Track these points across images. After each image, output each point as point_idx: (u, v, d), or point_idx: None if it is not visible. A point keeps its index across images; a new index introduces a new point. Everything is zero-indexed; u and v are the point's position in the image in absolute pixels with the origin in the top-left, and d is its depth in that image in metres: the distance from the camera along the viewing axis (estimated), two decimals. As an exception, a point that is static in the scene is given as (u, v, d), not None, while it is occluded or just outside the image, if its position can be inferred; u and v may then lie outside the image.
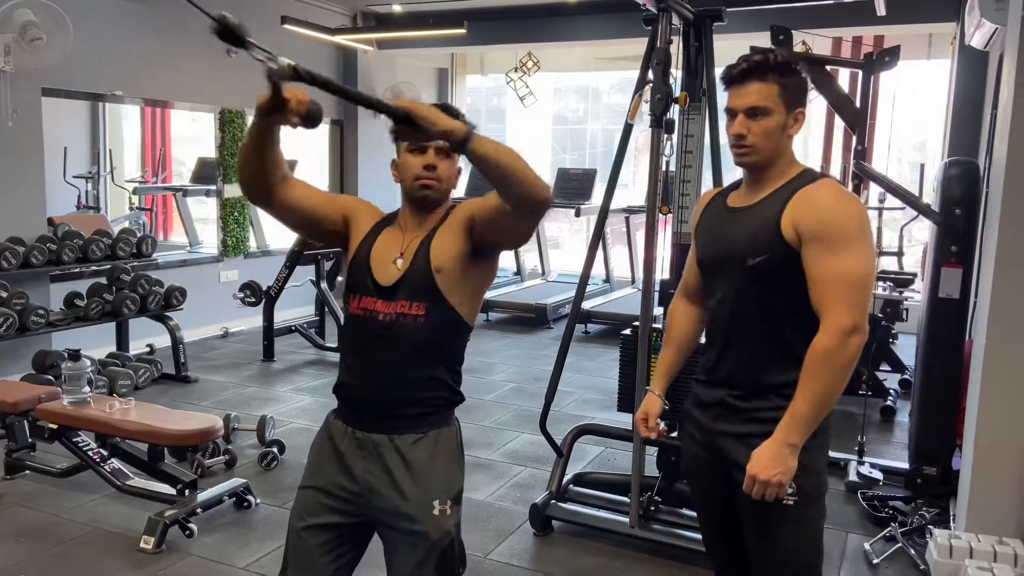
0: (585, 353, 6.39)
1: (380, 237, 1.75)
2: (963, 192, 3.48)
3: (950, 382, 3.54)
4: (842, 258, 1.63)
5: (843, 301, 1.62)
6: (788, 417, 1.66)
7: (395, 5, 7.45)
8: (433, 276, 1.66)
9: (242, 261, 6.98)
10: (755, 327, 1.76)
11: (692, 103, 3.17)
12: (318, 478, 1.75)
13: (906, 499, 3.54)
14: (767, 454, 1.66)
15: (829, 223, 1.65)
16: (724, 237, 1.82)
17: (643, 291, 3.06)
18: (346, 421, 1.74)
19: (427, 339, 1.67)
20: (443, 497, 1.69)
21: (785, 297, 1.71)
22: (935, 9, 6.19)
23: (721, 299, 1.82)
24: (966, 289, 3.48)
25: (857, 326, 1.62)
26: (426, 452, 1.69)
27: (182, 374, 5.29)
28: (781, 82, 1.73)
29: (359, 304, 1.71)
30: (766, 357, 1.75)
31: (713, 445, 1.83)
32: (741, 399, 1.78)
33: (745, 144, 1.75)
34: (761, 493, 1.66)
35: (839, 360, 1.62)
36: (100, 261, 5.16)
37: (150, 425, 3.17)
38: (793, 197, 1.71)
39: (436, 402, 1.72)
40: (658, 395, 2.01)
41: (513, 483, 3.80)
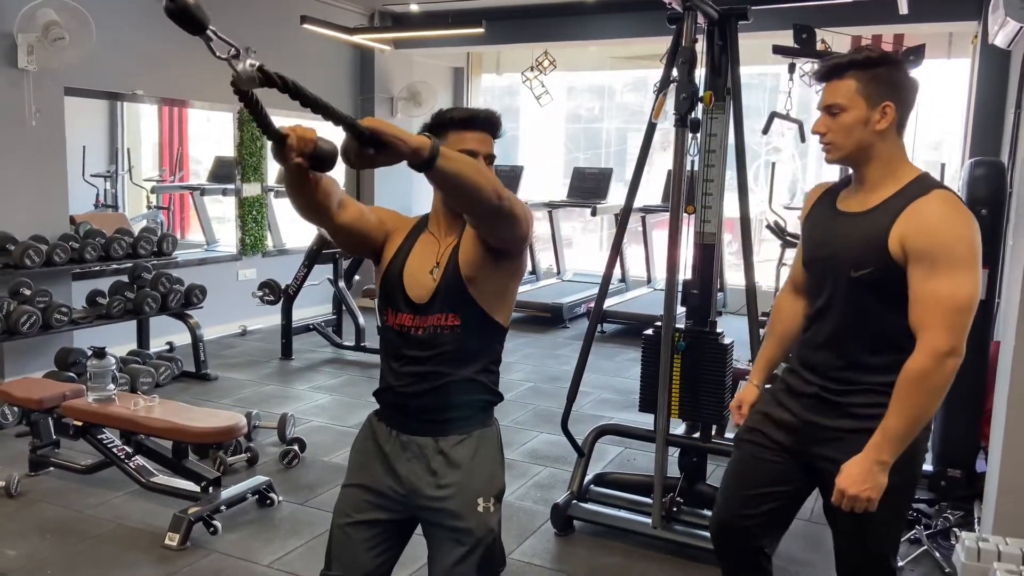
0: (602, 353, 6.38)
1: (414, 249, 1.75)
2: (989, 192, 3.45)
3: (975, 384, 3.51)
4: (947, 281, 1.62)
5: (942, 323, 1.62)
6: (879, 434, 1.68)
7: (412, 4, 7.46)
8: (466, 285, 1.67)
9: (260, 260, 7.00)
10: (853, 332, 1.80)
11: (716, 102, 3.16)
12: (363, 476, 1.77)
13: (930, 502, 3.51)
14: (857, 470, 1.69)
15: (937, 244, 1.64)
16: (830, 241, 1.83)
17: (666, 291, 3.05)
18: (389, 424, 1.76)
19: (464, 346, 1.69)
20: (487, 494, 1.71)
21: (886, 308, 1.73)
22: (957, 8, 6.14)
23: (824, 301, 1.85)
24: (992, 290, 3.45)
25: (955, 349, 1.63)
26: (470, 451, 1.71)
27: (202, 372, 5.32)
28: (860, 76, 1.73)
29: (395, 319, 1.72)
30: (863, 358, 1.78)
31: (798, 431, 1.88)
32: (835, 394, 1.81)
33: (825, 141, 1.79)
34: (850, 507, 1.70)
35: (934, 382, 1.63)
36: (121, 259, 5.19)
37: (175, 422, 3.19)
38: (904, 211, 1.69)
39: (477, 403, 1.74)
40: (756, 385, 2.07)
41: (534, 483, 3.80)
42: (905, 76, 1.78)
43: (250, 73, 1.14)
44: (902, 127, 1.79)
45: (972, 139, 6.19)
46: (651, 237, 8.27)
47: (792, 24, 3.94)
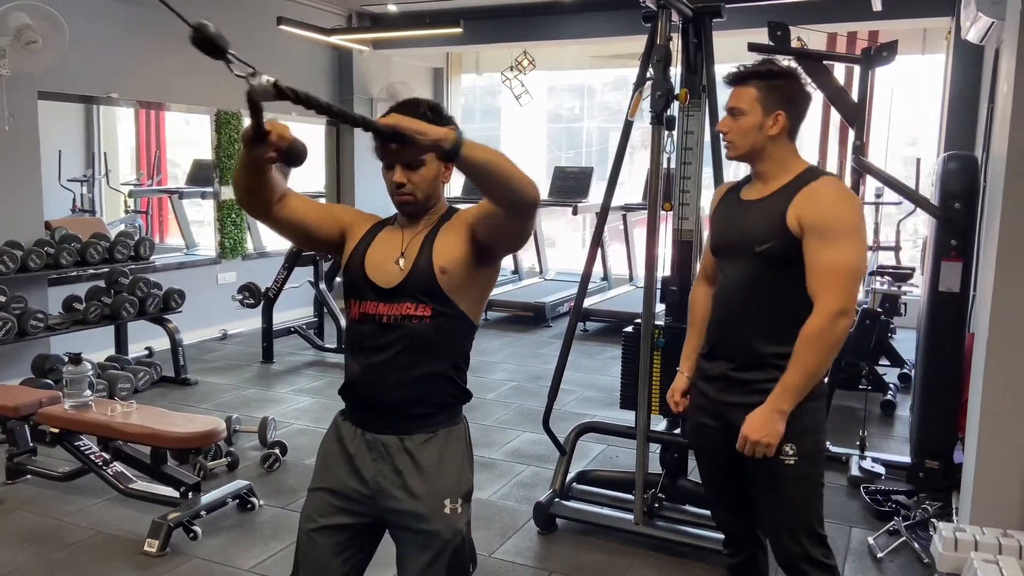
0: (584, 351, 6.40)
1: (377, 238, 1.74)
2: (962, 186, 3.49)
3: (951, 376, 3.55)
4: (837, 251, 1.84)
5: (835, 287, 1.84)
6: (780, 387, 1.88)
7: (390, 5, 7.45)
8: (436, 276, 1.65)
9: (240, 263, 6.96)
10: (755, 306, 1.98)
11: (692, 100, 3.17)
12: (328, 479, 1.74)
13: (908, 493, 3.54)
14: (759, 418, 1.89)
15: (829, 219, 1.86)
16: (737, 226, 2.03)
17: (645, 288, 3.06)
18: (355, 423, 1.74)
19: (433, 340, 1.67)
20: (454, 495, 1.69)
21: (786, 280, 1.92)
22: (930, 4, 6.21)
23: (729, 281, 2.04)
24: (966, 283, 3.49)
25: (846, 310, 1.84)
26: (436, 451, 1.69)
27: (182, 376, 5.28)
28: (760, 85, 1.95)
29: (360, 309, 1.70)
30: (762, 333, 1.97)
31: (719, 414, 2.05)
32: (740, 370, 2.00)
33: (727, 140, 2.02)
34: (752, 452, 1.90)
35: (829, 339, 1.85)
36: (98, 264, 5.14)
37: (153, 428, 3.17)
38: (799, 193, 1.92)
39: (444, 401, 1.72)
40: (685, 375, 2.23)
41: (516, 482, 3.80)
42: (799, 90, 2.00)
43: (266, 87, 1.25)
44: (793, 133, 2.01)
45: (947, 134, 6.27)
46: (632, 235, 8.30)
47: (767, 22, 3.95)
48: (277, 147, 1.41)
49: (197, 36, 1.20)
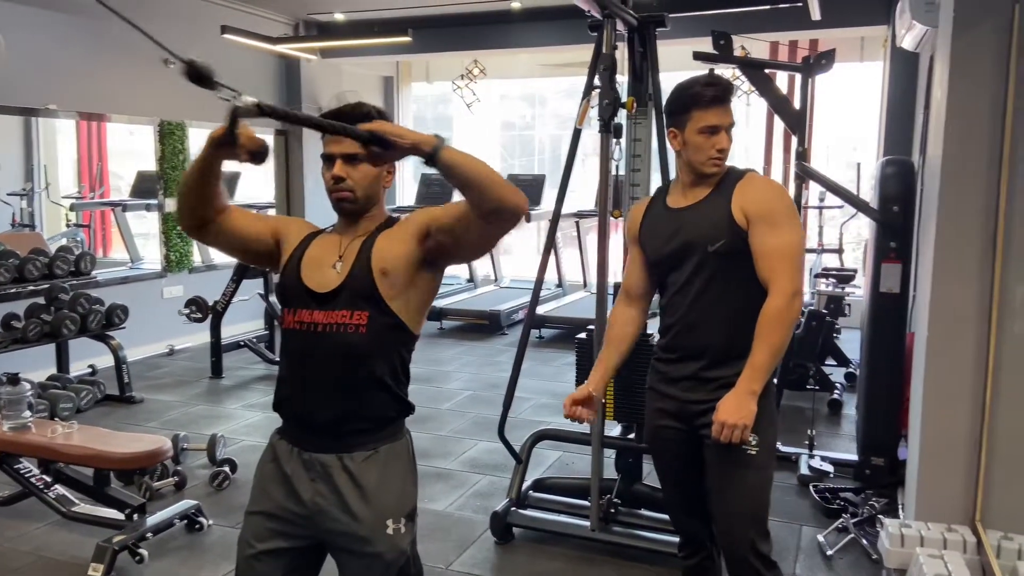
0: (540, 358, 6.41)
1: (314, 243, 1.71)
2: (900, 190, 3.60)
3: (894, 374, 3.65)
4: (783, 234, 1.96)
5: (788, 270, 1.95)
6: (748, 369, 1.94)
7: (337, 14, 7.40)
8: (375, 281, 1.60)
9: (186, 276, 6.81)
10: (718, 304, 2.03)
11: (639, 107, 3.21)
12: (265, 502, 1.68)
13: (856, 490, 3.62)
14: (732, 401, 1.93)
15: (771, 207, 1.98)
16: (680, 232, 2.06)
17: (597, 294, 3.08)
18: (291, 441, 1.68)
19: (371, 349, 1.61)
20: (396, 515, 1.64)
21: (740, 272, 1.99)
22: (867, 13, 6.39)
23: (684, 284, 2.06)
24: (906, 284, 3.59)
25: (798, 289, 1.96)
26: (377, 470, 1.63)
27: (126, 395, 5.14)
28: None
29: (295, 317, 1.64)
30: (728, 328, 2.02)
31: (684, 414, 2.08)
32: (710, 368, 2.04)
33: (723, 156, 2.04)
34: (729, 436, 1.91)
35: (788, 317, 1.94)
36: (37, 281, 4.97)
37: (95, 449, 3.07)
38: (735, 188, 2.02)
39: (384, 416, 1.66)
40: (591, 390, 2.17)
41: (473, 492, 3.78)
42: None
43: (249, 107, 1.37)
44: None
45: (886, 139, 6.45)
46: (585, 241, 8.36)
47: (711, 31, 4.02)
48: (248, 147, 1.49)
49: (190, 71, 1.33)
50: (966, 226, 2.66)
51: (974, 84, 2.62)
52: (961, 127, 2.66)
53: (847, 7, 6.26)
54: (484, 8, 7.14)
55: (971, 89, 2.63)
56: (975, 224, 2.64)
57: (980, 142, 2.62)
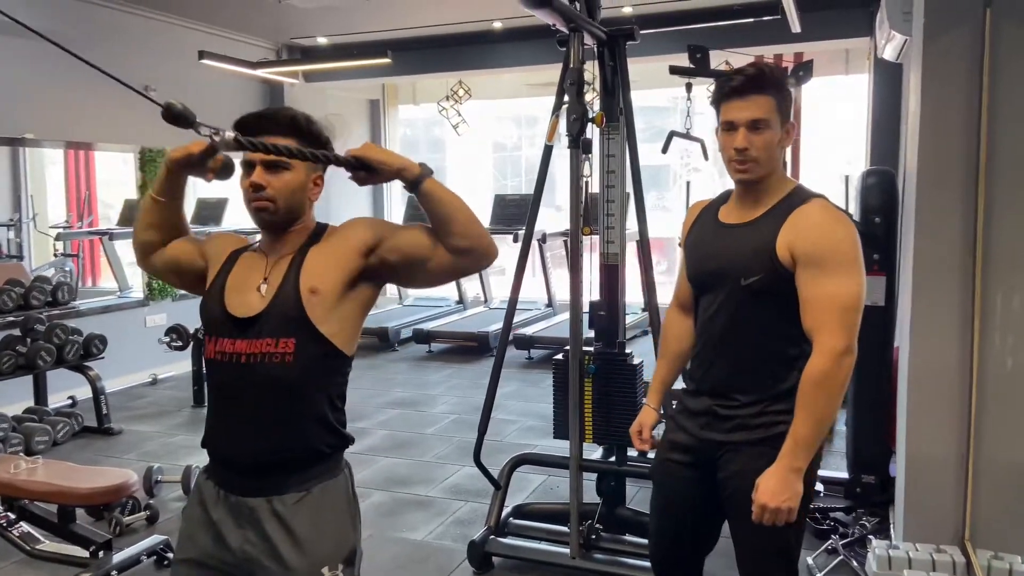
0: (528, 379, 6.32)
1: (238, 264, 1.60)
2: (881, 201, 3.53)
3: (881, 388, 3.56)
4: (835, 281, 1.66)
5: (836, 323, 1.65)
6: (790, 442, 1.68)
7: (320, 38, 7.39)
8: (302, 303, 1.49)
9: (170, 304, 6.73)
10: (741, 342, 1.80)
11: (611, 123, 3.15)
12: (192, 550, 1.56)
13: (847, 509, 3.53)
14: (774, 481, 1.67)
15: (823, 248, 1.68)
16: (718, 254, 1.83)
17: (571, 314, 3.00)
18: (217, 483, 1.56)
19: (300, 380, 1.50)
20: (333, 562, 1.52)
21: (774, 315, 1.75)
22: (849, 25, 6.37)
23: (712, 313, 1.85)
24: (891, 296, 3.52)
25: (849, 347, 1.66)
26: (310, 513, 1.51)
27: (105, 426, 5.03)
28: (777, 96, 1.74)
29: (216, 347, 1.52)
30: (749, 370, 1.80)
31: (698, 451, 1.88)
32: (727, 408, 1.82)
33: (749, 159, 1.73)
34: (772, 520, 1.68)
35: (835, 382, 1.66)
36: (12, 312, 4.89)
37: (57, 484, 2.97)
38: (788, 218, 1.72)
39: (317, 451, 1.54)
40: (653, 408, 2.06)
41: (453, 520, 3.68)
42: (793, 99, 1.83)
43: (228, 142, 1.43)
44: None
45: (871, 151, 6.40)
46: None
47: (687, 45, 3.98)
48: (214, 166, 1.58)
49: (168, 114, 1.39)
50: (944, 236, 2.60)
51: (947, 90, 2.57)
52: (935, 134, 2.61)
53: (830, 20, 6.25)
54: (466, 29, 7.13)
55: (944, 95, 2.58)
56: (954, 234, 2.58)
57: (955, 149, 2.57)
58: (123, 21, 6.14)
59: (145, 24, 6.29)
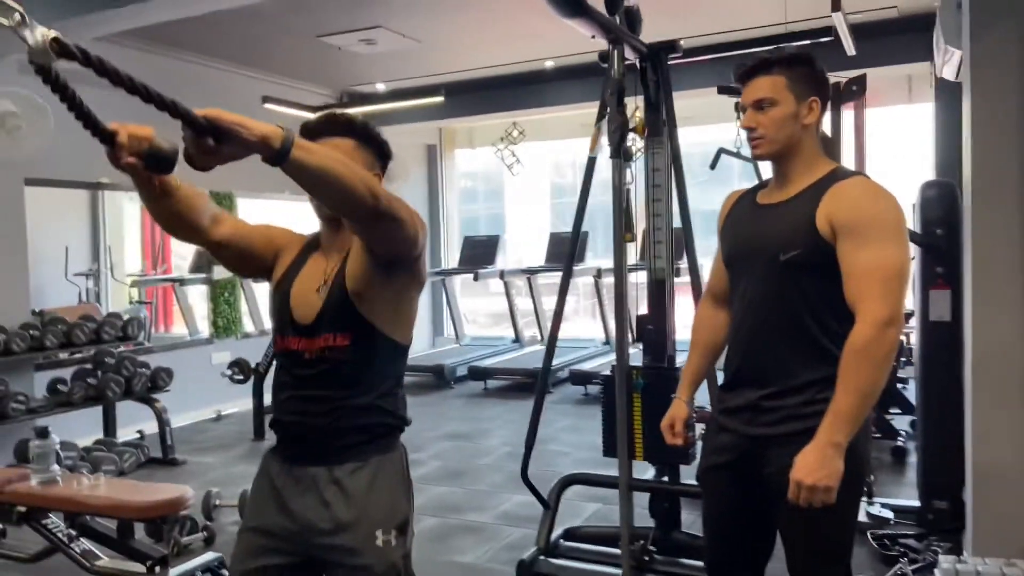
0: (584, 414, 6.23)
1: (304, 268, 1.67)
2: (943, 212, 3.42)
3: (952, 409, 3.38)
4: (877, 250, 1.63)
5: (879, 293, 1.61)
6: (830, 416, 1.61)
7: (379, 84, 7.64)
8: (353, 302, 1.57)
9: (235, 343, 6.92)
10: (784, 323, 1.75)
11: (655, 137, 3.16)
12: (256, 519, 1.66)
13: (919, 536, 3.34)
14: (812, 457, 1.60)
15: (865, 216, 1.65)
16: (755, 233, 1.82)
17: (617, 326, 2.96)
18: (283, 458, 1.65)
19: (358, 369, 1.59)
20: (387, 526, 1.58)
21: (815, 292, 1.71)
22: (909, 49, 6.25)
23: (751, 294, 1.80)
24: (957, 311, 3.37)
25: (893, 318, 1.60)
26: (366, 480, 1.58)
27: (169, 457, 5.17)
28: (787, 73, 1.76)
29: (284, 344, 1.63)
30: (795, 353, 1.74)
31: (743, 450, 1.80)
32: (773, 398, 1.75)
33: (756, 136, 1.78)
34: (808, 499, 1.60)
35: (878, 352, 1.60)
36: (85, 346, 5.10)
37: (116, 499, 3.04)
38: (827, 192, 1.71)
39: (376, 429, 1.63)
40: (684, 401, 2.02)
41: (504, 545, 3.62)
42: (824, 75, 1.81)
43: (41, 45, 1.02)
44: (820, 124, 1.83)
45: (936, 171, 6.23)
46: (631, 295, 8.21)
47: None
48: (131, 151, 1.26)
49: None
50: (1001, 247, 2.50)
51: (995, 91, 2.51)
52: (986, 139, 2.54)
53: (888, 44, 6.16)
54: (518, 69, 7.28)
55: (993, 94, 2.51)
56: (1012, 244, 2.48)
57: (1008, 156, 2.48)
58: (190, 71, 6.45)
59: (212, 74, 6.60)
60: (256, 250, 1.71)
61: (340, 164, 1.32)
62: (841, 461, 1.60)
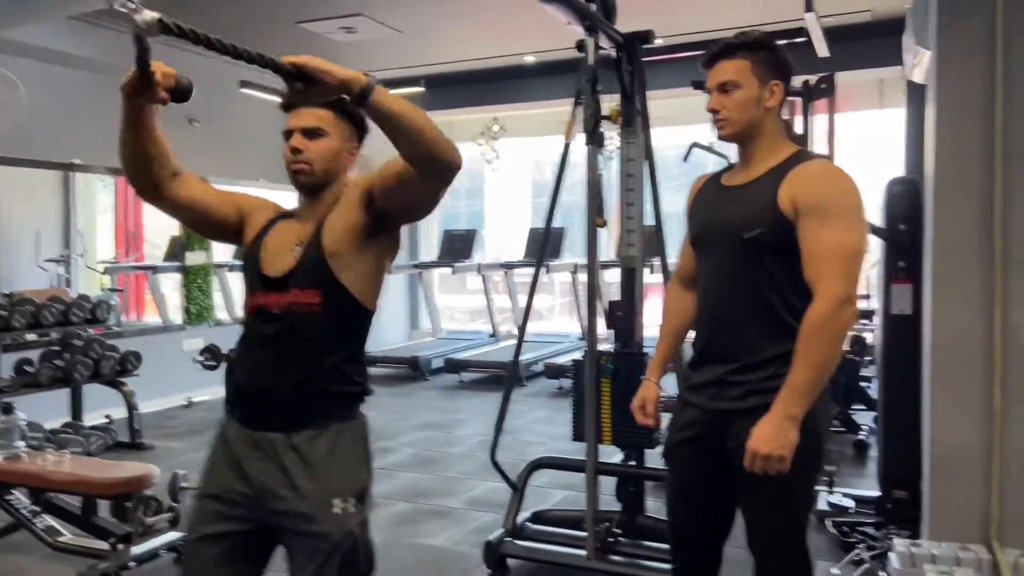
0: (557, 407, 6.27)
1: (276, 228, 1.69)
2: (907, 208, 3.49)
3: (911, 400, 3.45)
4: (837, 231, 1.68)
5: (837, 272, 1.67)
6: (787, 389, 1.67)
7: (360, 75, 7.62)
8: (327, 260, 1.59)
9: (208, 330, 6.87)
10: (748, 300, 1.80)
11: (629, 127, 3.20)
12: (212, 485, 1.64)
13: (877, 525, 3.41)
14: (768, 428, 1.66)
15: (826, 197, 1.71)
16: (721, 212, 1.87)
17: (588, 310, 3.00)
18: (242, 423, 1.64)
19: (324, 328, 1.60)
20: (345, 494, 1.57)
21: (778, 270, 1.76)
22: (881, 54, 6.35)
23: (715, 274, 1.86)
24: (918, 304, 3.44)
25: (850, 296, 1.67)
26: (326, 447, 1.58)
27: (137, 441, 5.12)
28: (751, 57, 1.81)
29: (252, 301, 1.64)
30: (760, 329, 1.79)
31: (708, 425, 1.84)
32: (738, 372, 1.79)
33: (720, 118, 1.83)
34: (763, 468, 1.66)
35: (834, 328, 1.66)
36: (53, 327, 5.05)
37: (80, 475, 3.04)
38: (790, 173, 1.77)
39: (337, 396, 1.63)
40: (654, 382, 2.05)
41: (473, 528, 3.65)
42: (786, 59, 1.86)
43: (151, 23, 1.25)
44: (782, 107, 1.89)
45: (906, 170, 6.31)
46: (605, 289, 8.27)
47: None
48: (165, 85, 1.44)
49: None
50: (961, 240, 2.57)
51: (959, 86, 2.57)
52: (949, 133, 2.60)
53: (860, 48, 6.26)
54: (499, 64, 7.30)
55: (957, 89, 2.58)
56: (971, 234, 2.56)
57: (970, 147, 2.55)
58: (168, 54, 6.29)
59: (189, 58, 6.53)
60: (215, 211, 1.71)
61: (421, 115, 1.42)
62: (796, 432, 1.65)
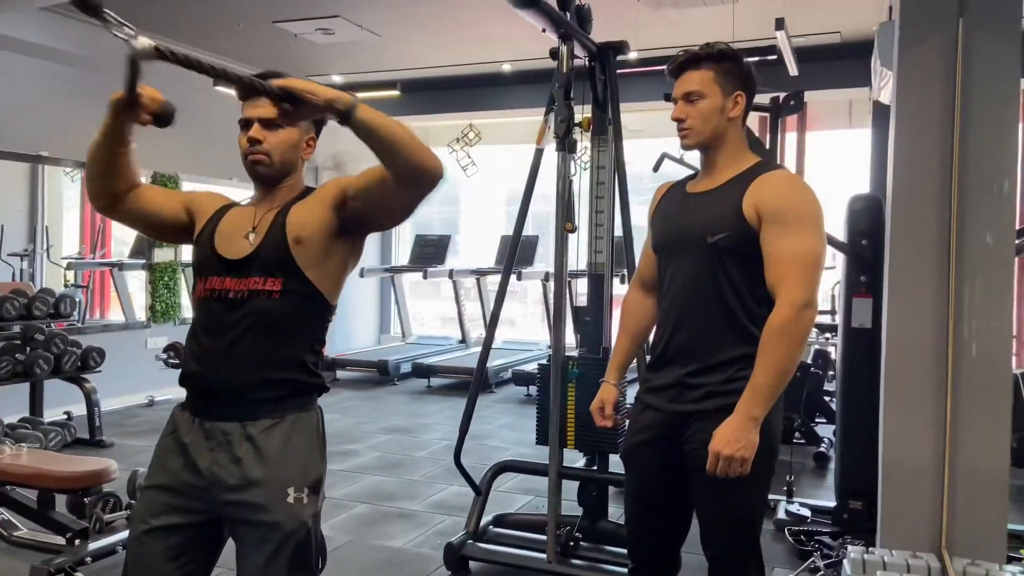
0: (524, 414, 6.29)
1: (227, 215, 1.69)
2: (868, 224, 3.57)
3: (869, 411, 3.52)
4: (798, 238, 1.74)
5: (798, 277, 1.73)
6: (749, 391, 1.72)
7: (335, 76, 7.62)
8: (290, 248, 1.58)
9: (172, 328, 6.80)
10: (709, 304, 1.83)
11: (601, 135, 3.24)
12: (160, 475, 1.60)
13: (834, 534, 3.46)
14: (731, 429, 1.70)
15: (788, 206, 1.77)
16: (685, 218, 1.91)
17: (554, 315, 3.03)
18: (193, 412, 1.61)
19: (284, 317, 1.58)
20: (299, 484, 1.56)
21: (739, 276, 1.81)
22: (850, 75, 6.49)
23: (678, 278, 1.89)
24: (878, 318, 3.52)
25: (810, 301, 1.72)
26: (281, 437, 1.56)
27: (96, 438, 5.05)
28: (716, 68, 1.86)
29: (205, 285, 1.61)
30: (720, 332, 1.82)
31: (666, 427, 1.87)
32: (697, 375, 1.83)
33: (684, 127, 1.88)
34: (725, 471, 1.70)
35: (796, 332, 1.71)
36: (15, 321, 4.96)
37: (38, 468, 2.99)
38: (754, 181, 1.82)
39: (293, 386, 1.61)
40: (613, 384, 2.08)
41: (435, 531, 3.64)
42: (750, 71, 1.93)
43: (147, 50, 1.33)
44: (746, 117, 1.93)
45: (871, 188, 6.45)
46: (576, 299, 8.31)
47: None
48: (150, 109, 1.49)
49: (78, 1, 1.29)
50: (918, 253, 2.65)
51: (919, 103, 2.65)
52: (909, 149, 2.68)
53: (830, 69, 6.39)
54: (476, 71, 7.34)
55: (917, 106, 2.65)
56: (928, 249, 2.63)
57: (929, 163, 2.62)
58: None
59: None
60: (165, 214, 1.72)
61: (404, 130, 1.45)
62: (757, 434, 1.70)
